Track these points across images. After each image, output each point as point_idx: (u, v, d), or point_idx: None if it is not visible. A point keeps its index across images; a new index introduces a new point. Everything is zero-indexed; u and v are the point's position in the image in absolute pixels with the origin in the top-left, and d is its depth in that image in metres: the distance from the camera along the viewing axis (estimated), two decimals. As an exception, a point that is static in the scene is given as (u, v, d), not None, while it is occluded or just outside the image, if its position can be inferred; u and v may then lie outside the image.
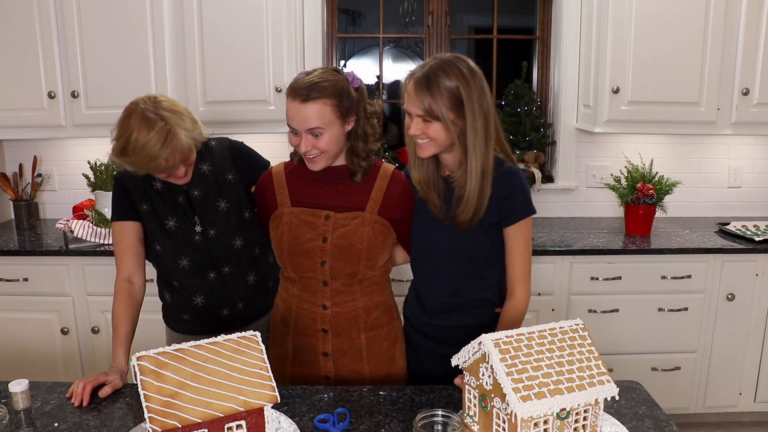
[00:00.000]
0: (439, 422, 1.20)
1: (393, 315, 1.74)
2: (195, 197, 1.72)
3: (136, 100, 1.57)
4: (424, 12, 3.29)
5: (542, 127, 3.26)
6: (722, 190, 3.33)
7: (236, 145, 1.83)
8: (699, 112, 2.85)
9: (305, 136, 1.51)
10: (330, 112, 1.50)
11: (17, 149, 3.20)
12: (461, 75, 1.46)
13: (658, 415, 1.37)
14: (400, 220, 1.65)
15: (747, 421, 3.00)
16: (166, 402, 1.07)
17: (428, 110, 1.45)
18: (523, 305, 1.59)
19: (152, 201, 1.71)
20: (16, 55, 2.79)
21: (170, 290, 1.80)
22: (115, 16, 2.74)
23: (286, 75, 2.79)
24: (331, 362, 1.66)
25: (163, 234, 1.71)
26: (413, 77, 1.48)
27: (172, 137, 1.53)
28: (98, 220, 2.78)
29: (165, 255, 1.73)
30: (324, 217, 1.59)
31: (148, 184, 1.71)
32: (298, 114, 1.49)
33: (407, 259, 1.78)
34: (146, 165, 1.55)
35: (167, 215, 1.71)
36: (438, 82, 1.44)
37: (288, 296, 1.69)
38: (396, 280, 2.61)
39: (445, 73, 1.45)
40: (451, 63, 1.47)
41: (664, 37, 2.77)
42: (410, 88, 1.48)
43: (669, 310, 2.78)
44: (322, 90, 1.48)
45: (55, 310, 2.74)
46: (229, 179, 1.76)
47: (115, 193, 1.74)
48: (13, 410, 1.38)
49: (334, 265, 1.59)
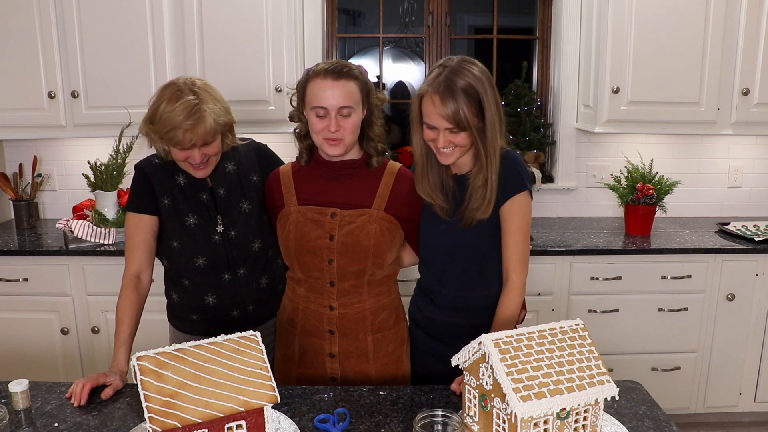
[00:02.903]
0: (439, 422, 1.20)
1: (400, 317, 1.74)
2: (220, 196, 1.72)
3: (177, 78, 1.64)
4: (424, 12, 3.29)
5: (542, 127, 3.26)
6: (722, 190, 3.33)
7: (262, 147, 1.85)
8: (699, 112, 2.85)
9: (335, 116, 1.52)
10: (358, 92, 1.55)
11: (17, 149, 3.20)
12: (477, 78, 1.48)
13: (658, 415, 1.37)
14: (407, 218, 1.65)
15: (747, 421, 3.00)
16: (166, 402, 1.07)
17: (457, 121, 1.47)
18: (517, 294, 1.57)
19: (174, 196, 1.70)
20: (16, 55, 2.79)
21: (179, 289, 1.78)
22: (115, 15, 2.74)
23: (286, 75, 2.79)
24: (338, 364, 1.66)
25: (182, 231, 1.70)
26: (437, 91, 1.48)
27: (197, 111, 1.54)
28: (98, 220, 2.77)
29: (182, 253, 1.71)
30: (330, 214, 1.59)
31: (172, 178, 1.70)
32: (332, 90, 1.51)
33: (414, 261, 1.78)
34: (166, 134, 1.56)
35: (188, 212, 1.70)
36: (458, 90, 1.46)
37: (295, 297, 1.69)
38: (402, 280, 2.62)
39: (463, 80, 1.47)
40: (463, 69, 1.49)
41: (664, 37, 2.77)
42: (436, 101, 1.48)
43: (669, 310, 2.78)
44: (350, 70, 1.55)
45: (55, 310, 2.74)
46: (253, 180, 1.76)
47: (136, 182, 1.73)
48: (13, 410, 1.38)
49: (342, 263, 1.58)
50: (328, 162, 1.63)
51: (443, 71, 1.49)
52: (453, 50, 3.34)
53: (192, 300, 1.76)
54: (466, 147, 1.53)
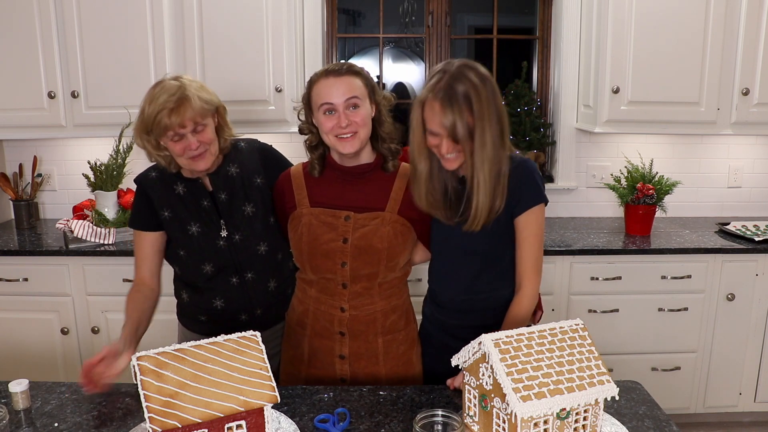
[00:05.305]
0: (439, 422, 1.20)
1: (410, 318, 1.73)
2: (221, 201, 1.70)
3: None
4: (424, 12, 3.29)
5: (542, 127, 3.26)
6: (722, 190, 3.33)
7: (266, 148, 1.84)
8: (699, 112, 2.85)
9: (343, 110, 1.52)
10: (363, 86, 1.56)
11: (17, 149, 3.20)
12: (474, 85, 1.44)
13: (658, 415, 1.37)
14: (419, 219, 1.64)
15: (747, 421, 3.00)
16: (166, 402, 1.07)
17: (454, 134, 1.45)
18: (528, 301, 1.57)
19: (174, 207, 1.69)
20: (16, 55, 2.79)
21: (190, 290, 1.78)
22: (115, 15, 2.74)
23: (286, 75, 2.79)
24: (348, 365, 1.65)
25: (186, 240, 1.70)
26: (436, 98, 1.45)
27: (179, 91, 1.56)
28: (98, 220, 2.78)
29: (188, 260, 1.72)
30: (344, 217, 1.59)
31: (170, 188, 1.70)
32: (336, 85, 1.53)
33: (426, 258, 1.77)
34: (153, 121, 1.56)
35: (190, 221, 1.69)
36: (459, 96, 1.43)
37: (305, 298, 1.68)
38: (414, 279, 2.62)
39: (463, 86, 1.44)
40: (462, 75, 1.45)
41: (664, 37, 2.77)
42: (436, 108, 1.45)
43: (669, 310, 2.78)
44: (352, 66, 1.58)
45: (55, 310, 2.74)
46: (257, 183, 1.74)
47: (136, 199, 1.75)
48: (13, 410, 1.38)
49: (355, 265, 1.58)
50: (342, 166, 1.62)
51: (443, 77, 1.46)
52: (453, 50, 3.34)
53: (201, 302, 1.76)
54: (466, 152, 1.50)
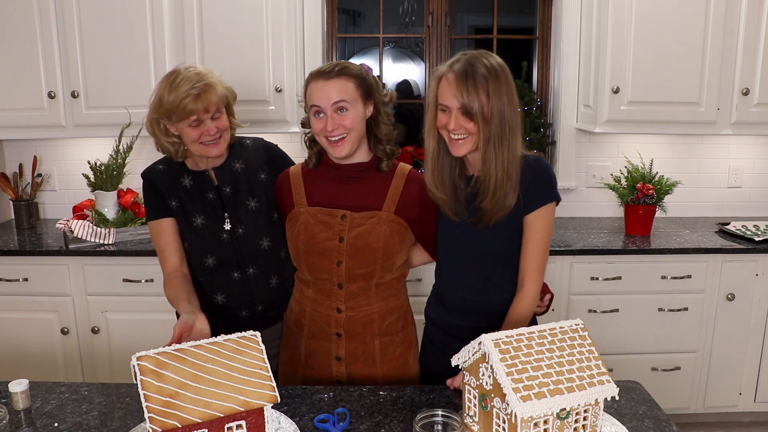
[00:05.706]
0: (439, 422, 1.20)
1: (408, 320, 1.73)
2: (226, 194, 1.74)
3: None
4: (424, 12, 3.29)
5: (542, 127, 3.26)
6: (722, 190, 3.33)
7: (271, 146, 1.87)
8: (699, 112, 2.85)
9: (330, 114, 1.53)
10: (353, 88, 1.54)
11: (17, 149, 3.20)
12: (493, 68, 1.47)
13: (658, 415, 1.36)
14: (417, 219, 1.63)
15: (747, 421, 3.00)
16: (166, 402, 1.07)
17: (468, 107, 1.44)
18: (530, 300, 1.55)
19: (180, 198, 1.73)
20: (16, 55, 2.79)
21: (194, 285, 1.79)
22: (115, 16, 2.74)
23: (286, 75, 2.79)
24: (344, 367, 1.65)
25: (190, 231, 1.73)
26: (452, 70, 1.47)
27: (203, 78, 1.60)
28: (98, 220, 2.78)
29: (192, 252, 1.74)
30: (340, 216, 1.59)
31: (177, 181, 1.73)
32: (324, 89, 1.53)
33: (424, 261, 1.77)
34: (177, 105, 1.58)
35: (195, 212, 1.72)
36: (478, 73, 1.45)
37: (303, 298, 1.69)
38: (414, 280, 2.62)
39: (482, 66, 1.46)
40: (483, 56, 1.49)
41: (664, 37, 2.77)
42: (451, 79, 1.46)
43: (669, 310, 2.78)
44: (344, 68, 1.56)
45: (55, 310, 2.74)
46: (261, 179, 1.77)
47: (145, 192, 1.77)
48: (13, 410, 1.38)
49: (350, 264, 1.58)
50: (338, 165, 1.63)
51: (463, 57, 1.49)
52: (453, 50, 3.34)
53: (202, 297, 1.76)
54: (477, 136, 1.48)
